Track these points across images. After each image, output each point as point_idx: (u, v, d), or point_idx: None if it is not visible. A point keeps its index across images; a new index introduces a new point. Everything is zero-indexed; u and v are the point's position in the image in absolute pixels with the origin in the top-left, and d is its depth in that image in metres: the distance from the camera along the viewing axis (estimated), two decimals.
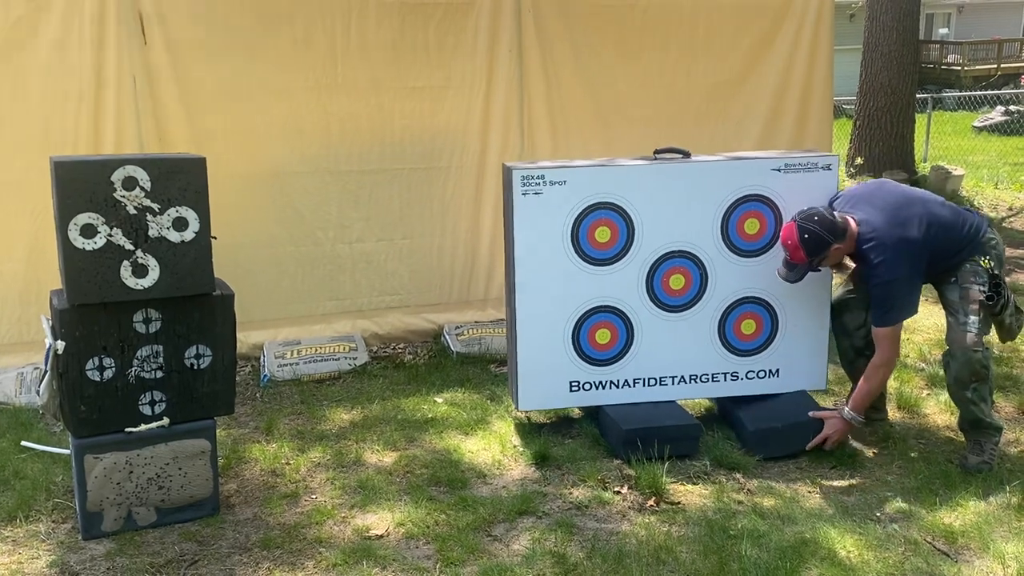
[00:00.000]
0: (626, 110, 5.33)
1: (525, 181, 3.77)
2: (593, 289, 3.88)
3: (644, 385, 3.99)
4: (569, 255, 3.84)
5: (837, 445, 3.80)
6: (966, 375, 3.62)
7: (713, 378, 4.04)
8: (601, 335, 3.93)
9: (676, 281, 3.93)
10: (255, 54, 4.67)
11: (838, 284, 4.17)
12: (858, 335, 3.92)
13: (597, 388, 3.98)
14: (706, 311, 3.97)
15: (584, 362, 3.95)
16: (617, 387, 3.99)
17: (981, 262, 3.65)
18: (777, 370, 4.07)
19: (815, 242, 3.58)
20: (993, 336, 3.80)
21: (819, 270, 3.77)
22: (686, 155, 3.97)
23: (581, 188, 3.80)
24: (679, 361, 4.00)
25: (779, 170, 3.89)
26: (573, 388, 3.97)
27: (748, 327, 4.02)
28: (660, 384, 4.00)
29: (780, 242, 3.73)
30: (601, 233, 3.84)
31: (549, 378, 3.94)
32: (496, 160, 5.15)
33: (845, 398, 3.96)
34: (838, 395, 4.49)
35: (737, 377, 4.05)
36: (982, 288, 3.61)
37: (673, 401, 4.04)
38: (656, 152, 4.01)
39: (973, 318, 3.62)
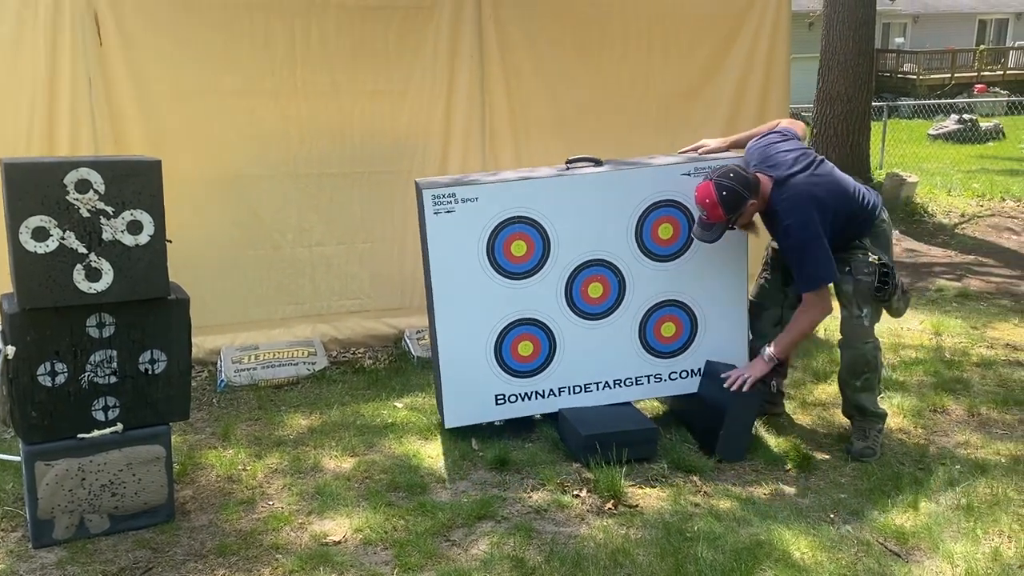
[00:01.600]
0: (587, 117, 5.35)
1: (436, 200, 3.77)
2: (513, 303, 3.90)
3: (569, 393, 4.02)
4: (486, 271, 3.84)
5: (754, 381, 3.82)
6: (860, 366, 3.83)
7: (636, 381, 4.08)
8: (524, 347, 3.95)
9: (595, 289, 3.96)
10: (213, 56, 4.63)
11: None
12: (775, 333, 3.96)
13: (523, 399, 4.00)
14: (626, 317, 4.01)
15: (508, 375, 3.96)
16: (543, 397, 4.01)
17: (870, 255, 3.76)
18: (699, 369, 4.12)
19: (732, 199, 3.61)
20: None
21: (734, 228, 3.78)
22: (597, 163, 4.01)
23: (493, 204, 3.80)
24: (602, 367, 4.04)
25: (688, 175, 3.94)
26: (499, 401, 3.98)
27: (668, 329, 4.07)
28: (585, 391, 4.04)
29: (696, 203, 3.71)
30: (517, 247, 3.85)
31: (474, 394, 3.95)
32: (458, 164, 5.15)
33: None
34: (792, 398, 4.55)
35: (660, 379, 4.10)
36: (872, 281, 3.73)
37: (631, 404, 4.07)
38: (568, 162, 4.04)
39: (867, 310, 3.78)
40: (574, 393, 4.03)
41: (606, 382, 4.05)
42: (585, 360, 4.01)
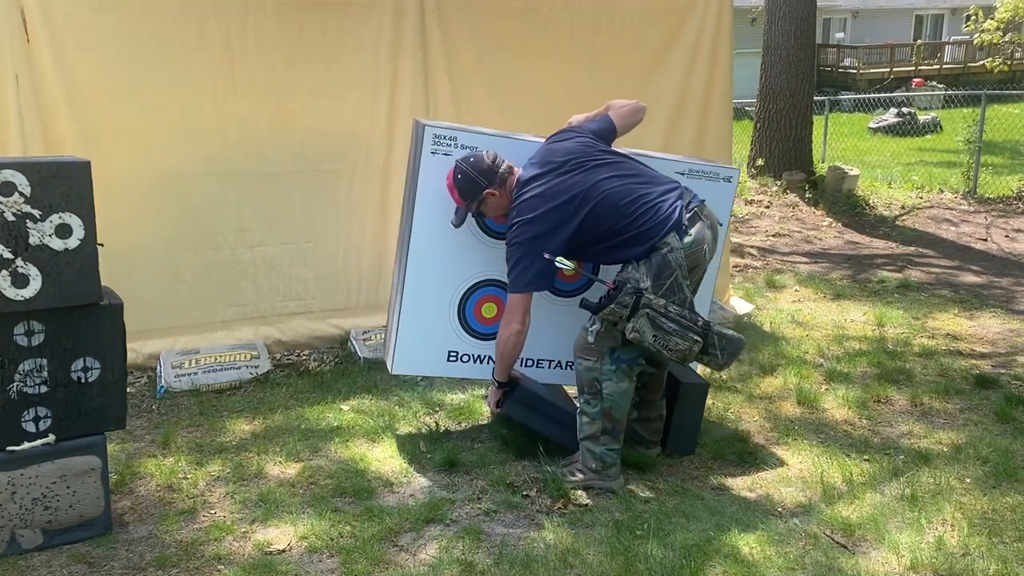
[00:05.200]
0: (532, 111, 5.29)
1: (436, 140, 3.68)
2: (488, 262, 3.81)
3: (521, 365, 3.95)
4: (470, 224, 3.75)
5: (492, 405, 3.81)
6: (579, 382, 3.56)
7: None
8: (488, 309, 3.89)
9: None
10: (146, 53, 4.49)
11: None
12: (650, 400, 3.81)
13: (475, 361, 3.94)
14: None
15: (467, 334, 3.90)
16: (495, 362, 3.91)
17: (628, 271, 3.43)
18: None
19: (467, 184, 3.52)
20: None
21: (484, 216, 3.67)
22: None
23: None
24: (558, 346, 3.96)
25: (683, 174, 3.92)
26: (451, 358, 3.92)
27: None
28: (537, 366, 3.99)
29: None
30: None
31: (428, 344, 3.88)
32: (403, 161, 5.06)
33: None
34: (739, 391, 4.58)
35: None
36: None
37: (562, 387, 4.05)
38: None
39: (596, 327, 3.46)
40: (526, 366, 3.97)
41: (559, 362, 4.00)
42: (544, 335, 3.89)
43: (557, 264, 3.40)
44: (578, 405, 3.58)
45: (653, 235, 3.38)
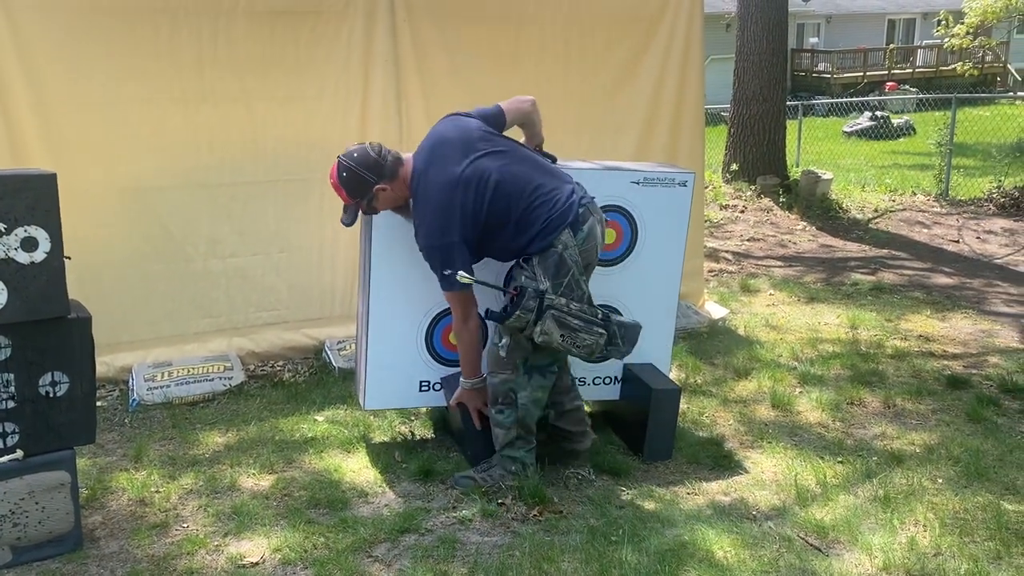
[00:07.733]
0: None
1: None
2: None
3: None
4: None
5: (476, 410, 3.66)
6: (494, 395, 3.56)
7: None
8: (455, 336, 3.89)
9: None
10: (116, 62, 4.45)
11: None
12: (569, 400, 3.78)
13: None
14: None
15: (436, 362, 3.90)
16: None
17: (523, 277, 3.43)
18: (617, 377, 4.11)
19: (353, 181, 3.41)
20: None
21: (376, 211, 3.54)
22: (552, 160, 3.96)
23: None
24: None
25: (638, 183, 3.94)
26: (423, 388, 3.91)
27: None
28: None
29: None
30: None
31: (399, 377, 3.87)
32: None
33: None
34: (714, 395, 4.59)
35: (584, 382, 4.05)
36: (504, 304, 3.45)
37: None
38: None
39: (505, 340, 3.47)
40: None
41: None
42: None
43: (458, 279, 3.34)
44: (491, 416, 3.59)
45: (552, 230, 3.36)
